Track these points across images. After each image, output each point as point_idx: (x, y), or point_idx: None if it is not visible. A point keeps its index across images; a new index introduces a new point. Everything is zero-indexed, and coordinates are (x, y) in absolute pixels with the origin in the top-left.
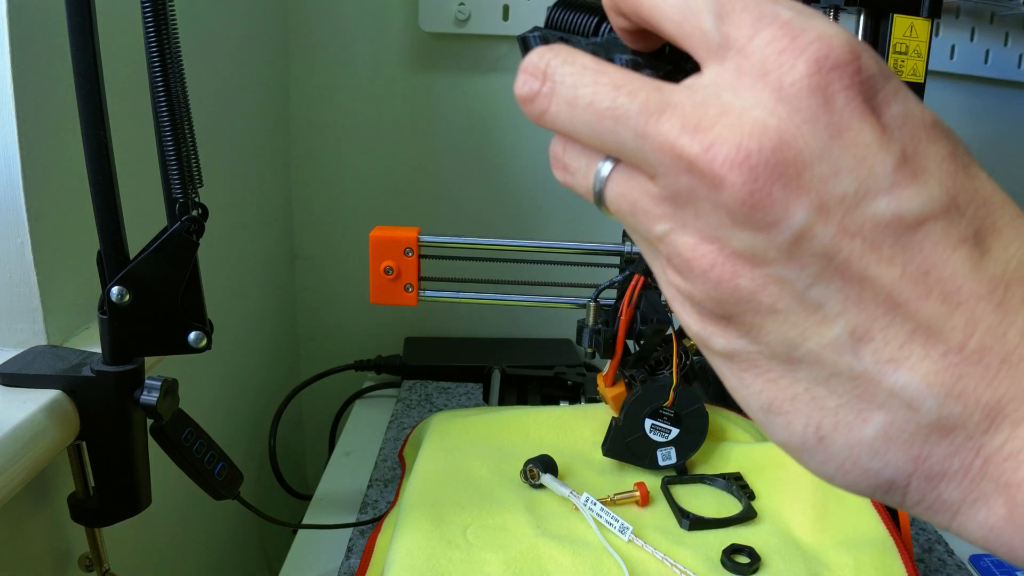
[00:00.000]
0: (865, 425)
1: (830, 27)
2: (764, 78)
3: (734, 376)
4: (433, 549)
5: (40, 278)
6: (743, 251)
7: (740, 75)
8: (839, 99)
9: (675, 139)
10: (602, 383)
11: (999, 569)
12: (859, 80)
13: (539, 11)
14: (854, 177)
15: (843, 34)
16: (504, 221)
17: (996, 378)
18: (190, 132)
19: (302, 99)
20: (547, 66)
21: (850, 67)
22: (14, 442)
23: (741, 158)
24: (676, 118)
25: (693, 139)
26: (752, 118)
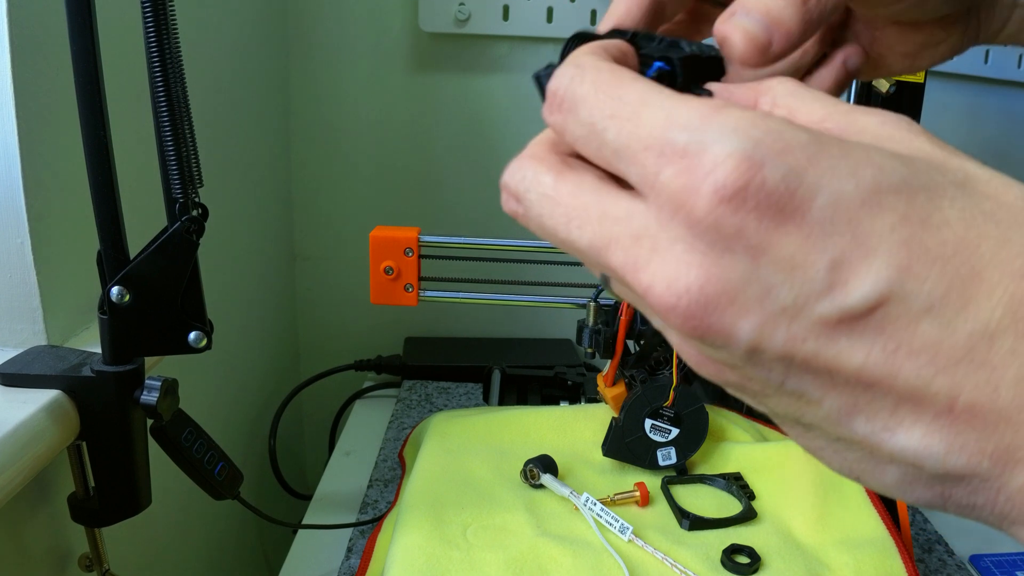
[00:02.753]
0: (884, 474)
1: (727, 142)
2: (677, 215)
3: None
4: (433, 549)
5: (40, 278)
6: (715, 359)
7: (660, 211)
8: (750, 222)
9: (622, 274)
10: (602, 383)
11: (999, 569)
12: (765, 195)
13: (539, 11)
14: (788, 289)
15: (739, 150)
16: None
17: (996, 431)
18: (190, 132)
19: (302, 99)
20: (516, 188)
21: (751, 187)
22: (14, 442)
23: (674, 300)
24: (619, 253)
25: (635, 277)
26: (676, 255)
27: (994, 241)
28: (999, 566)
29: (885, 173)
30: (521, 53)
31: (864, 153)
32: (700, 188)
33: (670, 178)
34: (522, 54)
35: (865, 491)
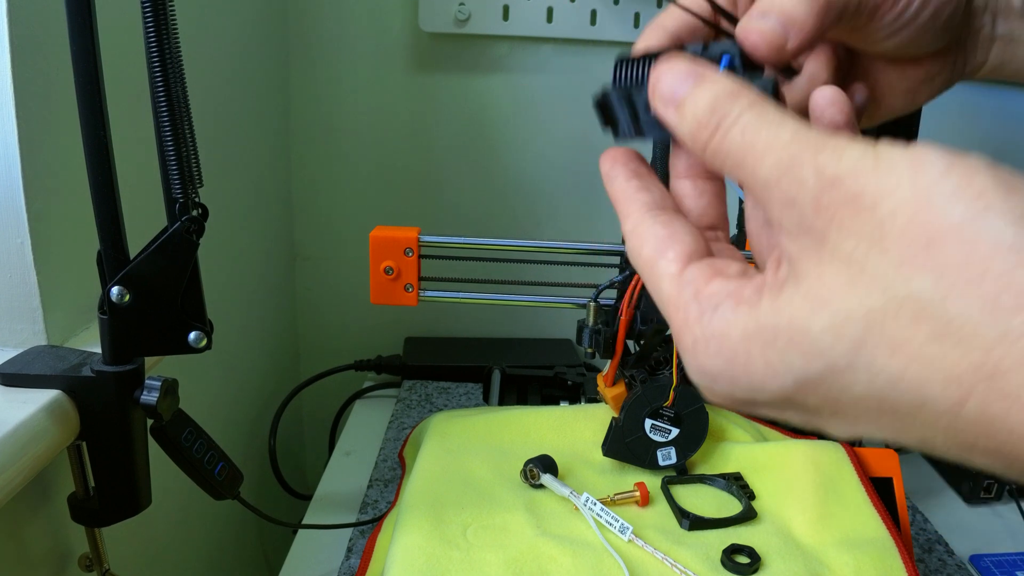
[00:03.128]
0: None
1: (700, 361)
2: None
3: None
4: (433, 549)
5: (40, 278)
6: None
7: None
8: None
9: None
10: (602, 383)
11: (999, 569)
12: (719, 399)
13: (539, 11)
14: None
15: (700, 371)
16: (504, 221)
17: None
18: (190, 132)
19: (302, 99)
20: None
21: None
22: (14, 442)
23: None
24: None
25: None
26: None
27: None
28: (999, 566)
29: (782, 380)
30: (521, 53)
31: (775, 363)
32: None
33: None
34: (522, 54)
35: (865, 491)
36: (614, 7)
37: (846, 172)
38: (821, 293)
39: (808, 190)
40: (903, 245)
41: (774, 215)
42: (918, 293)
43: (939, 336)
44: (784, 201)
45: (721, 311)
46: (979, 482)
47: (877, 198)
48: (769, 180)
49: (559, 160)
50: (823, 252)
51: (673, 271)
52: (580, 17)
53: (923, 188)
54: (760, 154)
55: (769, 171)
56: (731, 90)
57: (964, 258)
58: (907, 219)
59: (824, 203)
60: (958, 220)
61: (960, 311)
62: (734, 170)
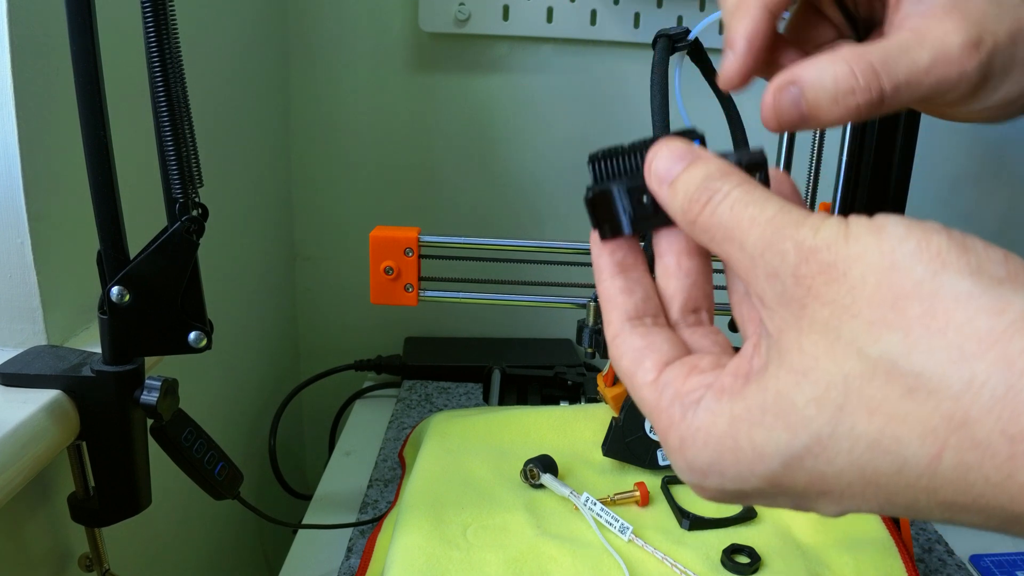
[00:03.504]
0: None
1: (685, 456)
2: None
3: None
4: (433, 549)
5: (40, 278)
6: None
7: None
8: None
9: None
10: (602, 383)
11: (999, 569)
12: (710, 495)
13: (539, 11)
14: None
15: (689, 468)
16: (504, 221)
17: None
18: (190, 132)
19: (302, 99)
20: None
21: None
22: (14, 442)
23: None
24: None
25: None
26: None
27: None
28: (999, 566)
29: (769, 466)
30: (521, 53)
31: (756, 453)
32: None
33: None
34: (522, 54)
35: None
36: (614, 7)
37: (821, 244)
38: (803, 364)
39: (788, 262)
40: (872, 307)
41: (758, 289)
42: (888, 351)
43: (911, 391)
44: (767, 274)
45: (704, 404)
46: None
47: (848, 266)
48: (754, 254)
49: (559, 160)
50: (802, 323)
51: (650, 379)
52: (580, 17)
53: (887, 253)
54: (746, 229)
55: (754, 245)
56: (723, 169)
57: (927, 312)
58: (875, 282)
59: (802, 273)
60: (919, 278)
61: (927, 363)
62: (722, 244)
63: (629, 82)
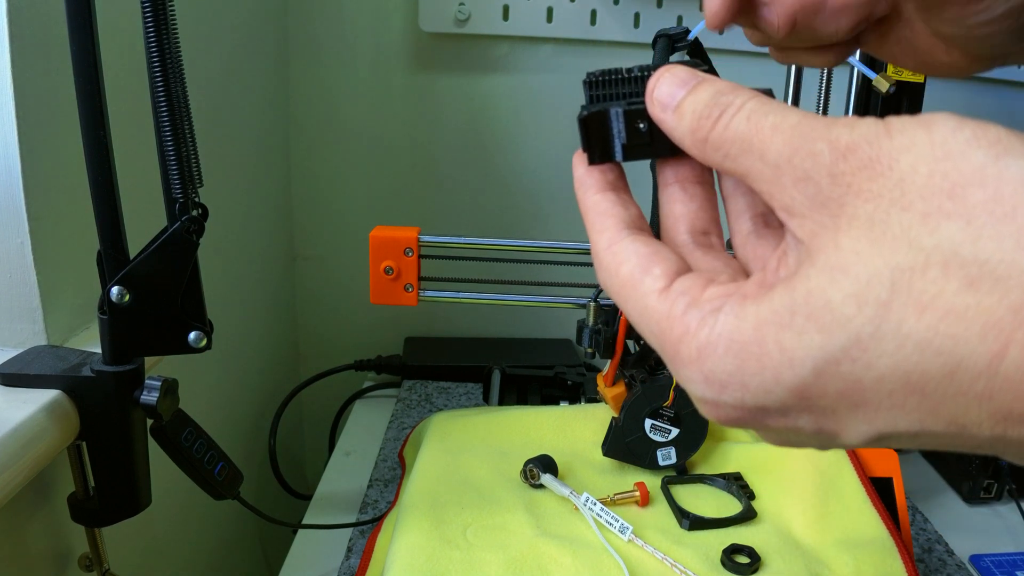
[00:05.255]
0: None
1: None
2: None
3: None
4: (433, 549)
5: (40, 278)
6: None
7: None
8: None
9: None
10: (602, 383)
11: (999, 569)
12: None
13: (539, 11)
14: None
15: (707, 381)
16: (504, 221)
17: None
18: (190, 132)
19: (302, 99)
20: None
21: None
22: (14, 442)
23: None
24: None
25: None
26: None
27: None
28: (999, 566)
29: (799, 372)
30: (521, 53)
31: (788, 352)
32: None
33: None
34: (522, 54)
35: (865, 491)
36: (614, 7)
37: (860, 140)
38: (841, 260)
39: (822, 162)
40: (926, 198)
41: (784, 199)
42: (947, 241)
43: (972, 283)
44: (796, 179)
45: (727, 310)
46: (979, 482)
47: (894, 158)
48: (779, 161)
49: (559, 160)
50: (840, 222)
51: (660, 286)
52: (580, 17)
53: (939, 143)
54: (768, 137)
55: (779, 151)
56: (732, 86)
57: (991, 198)
58: (927, 172)
59: (840, 171)
60: (979, 163)
61: (993, 251)
62: (739, 159)
63: None
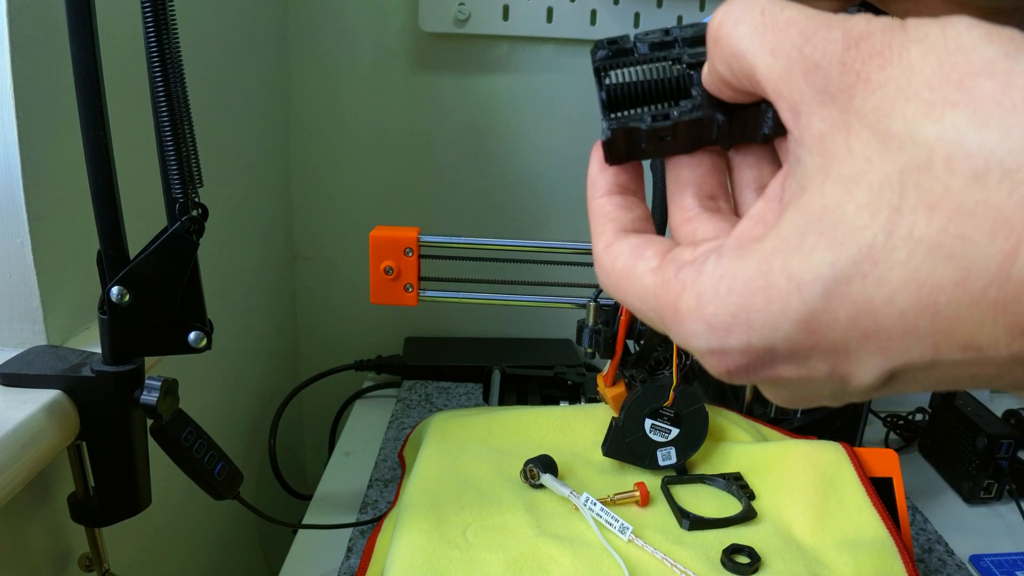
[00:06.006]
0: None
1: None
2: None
3: None
4: (433, 549)
5: (40, 278)
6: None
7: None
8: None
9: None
10: (602, 383)
11: (999, 569)
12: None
13: (539, 11)
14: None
15: (709, 327)
16: (504, 221)
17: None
18: (190, 132)
19: (302, 99)
20: None
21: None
22: (14, 442)
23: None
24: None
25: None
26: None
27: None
28: (999, 566)
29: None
30: (521, 53)
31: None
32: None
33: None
34: (522, 54)
35: (865, 491)
36: (614, 7)
37: (875, 29)
38: (854, 168)
39: (834, 50)
40: (933, 88)
41: (793, 94)
42: (951, 131)
43: (979, 176)
44: (806, 69)
45: (726, 251)
46: (979, 482)
47: (904, 48)
48: (791, 53)
49: (559, 160)
50: (849, 117)
51: (653, 265)
52: (580, 17)
53: (952, 37)
54: (782, 28)
55: (792, 43)
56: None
57: (999, 90)
58: (936, 63)
59: (850, 59)
60: (990, 57)
61: (999, 141)
62: (747, 53)
63: None
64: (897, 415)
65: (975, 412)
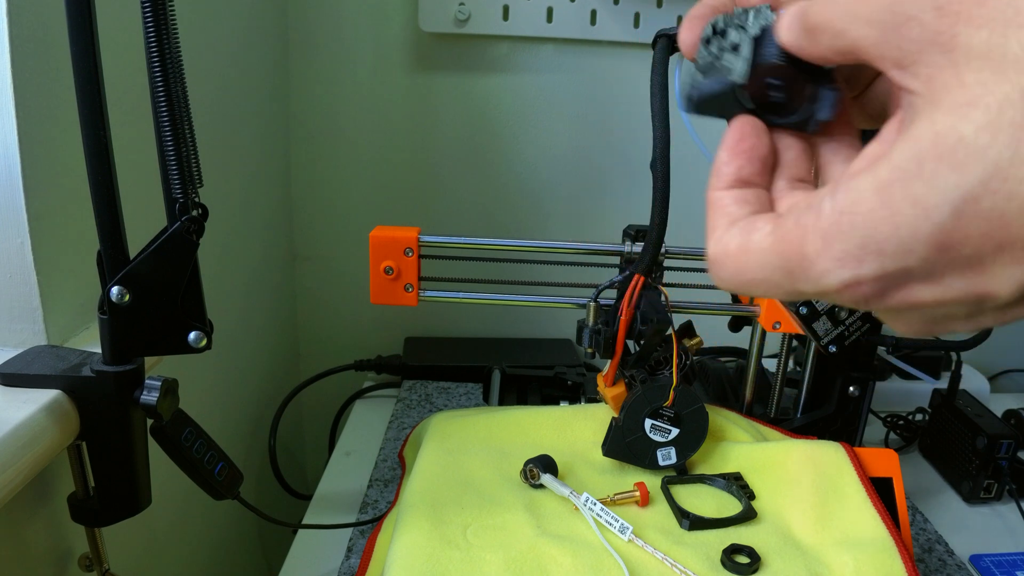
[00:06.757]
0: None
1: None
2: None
3: None
4: (433, 549)
5: (40, 278)
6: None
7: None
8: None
9: None
10: (602, 383)
11: (999, 569)
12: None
13: (539, 11)
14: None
15: (840, 263)
16: (504, 221)
17: None
18: (190, 132)
19: (302, 99)
20: None
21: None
22: (14, 442)
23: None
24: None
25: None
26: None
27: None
28: (999, 566)
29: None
30: (521, 53)
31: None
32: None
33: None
34: (522, 54)
35: (865, 491)
36: (614, 7)
37: None
38: (968, 95)
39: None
40: None
41: (893, 51)
42: None
43: None
44: (900, 24)
45: (842, 188)
46: (979, 482)
47: None
48: (882, 15)
49: (559, 160)
50: (956, 56)
51: (768, 229)
52: (580, 17)
53: None
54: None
55: (880, 5)
56: None
57: None
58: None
59: (945, 2)
60: None
61: None
62: (846, 31)
63: (629, 82)
64: (897, 415)
65: (975, 412)
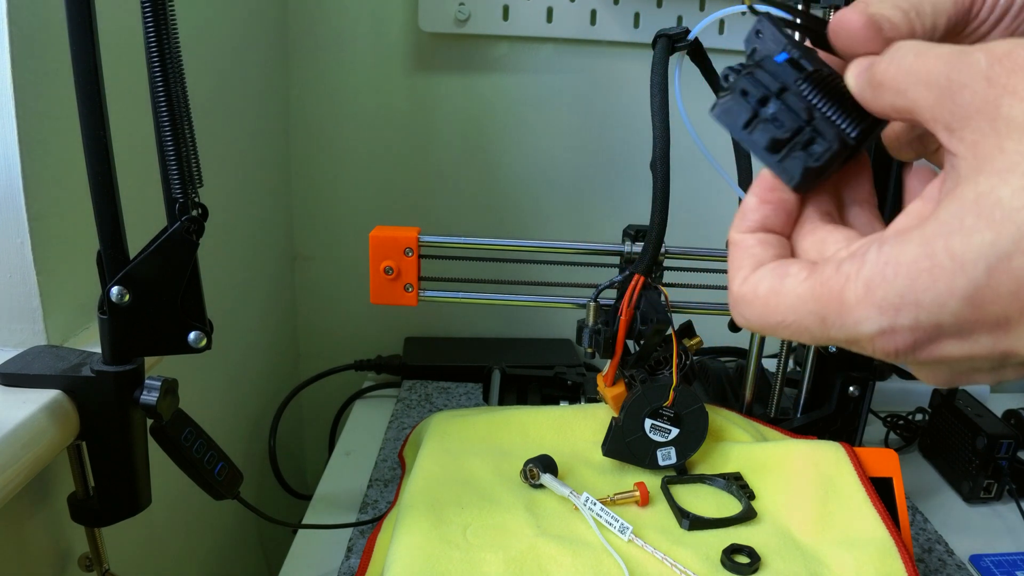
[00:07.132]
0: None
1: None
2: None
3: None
4: (433, 549)
5: (40, 278)
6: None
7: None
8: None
9: None
10: (602, 383)
11: (999, 569)
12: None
13: (539, 11)
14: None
15: (880, 310)
16: (504, 221)
17: None
18: (190, 132)
19: (302, 99)
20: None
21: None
22: (14, 442)
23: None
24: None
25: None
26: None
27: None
28: (999, 566)
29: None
30: (521, 53)
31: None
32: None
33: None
34: (522, 54)
35: (865, 491)
36: (614, 7)
37: (1016, 46)
38: (1007, 162)
39: (978, 68)
40: None
41: (945, 115)
42: None
43: None
44: (953, 91)
45: (887, 241)
46: (979, 482)
47: None
48: (940, 79)
49: (559, 160)
50: (998, 126)
51: (804, 276)
52: (580, 17)
53: None
54: (932, 62)
55: (940, 71)
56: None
57: None
58: None
59: (995, 74)
60: None
61: None
62: (907, 91)
63: (629, 82)
64: (897, 415)
65: (975, 412)
